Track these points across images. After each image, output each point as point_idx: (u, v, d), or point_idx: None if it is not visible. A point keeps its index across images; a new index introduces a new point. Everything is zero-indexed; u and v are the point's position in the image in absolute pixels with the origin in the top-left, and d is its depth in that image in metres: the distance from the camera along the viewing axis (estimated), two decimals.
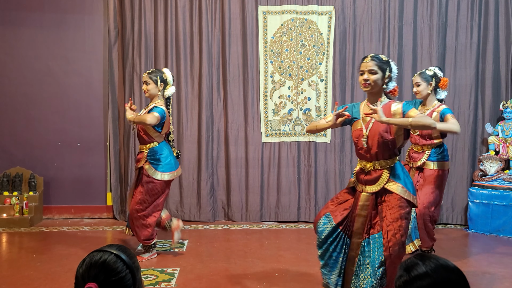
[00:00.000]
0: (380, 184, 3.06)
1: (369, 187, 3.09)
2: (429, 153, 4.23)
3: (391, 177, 3.05)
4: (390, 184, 3.03)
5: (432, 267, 1.41)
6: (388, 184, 3.03)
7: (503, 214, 5.37)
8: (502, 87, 5.94)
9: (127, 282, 1.47)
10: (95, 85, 6.22)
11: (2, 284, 3.72)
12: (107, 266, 1.46)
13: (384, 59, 3.10)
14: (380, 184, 3.06)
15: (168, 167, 4.36)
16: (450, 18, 5.95)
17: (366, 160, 3.12)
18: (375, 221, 3.06)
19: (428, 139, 4.24)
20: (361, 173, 3.15)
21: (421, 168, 4.28)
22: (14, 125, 6.16)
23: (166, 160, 4.36)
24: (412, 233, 4.30)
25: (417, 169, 4.31)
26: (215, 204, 6.11)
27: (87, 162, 6.19)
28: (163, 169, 4.33)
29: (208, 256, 4.52)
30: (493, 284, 3.87)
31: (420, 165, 4.26)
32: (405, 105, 3.05)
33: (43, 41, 6.14)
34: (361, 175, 3.15)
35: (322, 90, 6.05)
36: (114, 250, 1.51)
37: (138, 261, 1.59)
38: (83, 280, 1.45)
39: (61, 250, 4.68)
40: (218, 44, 6.06)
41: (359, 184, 3.16)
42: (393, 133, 3.03)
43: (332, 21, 6.01)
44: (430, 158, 4.24)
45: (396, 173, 3.06)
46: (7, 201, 5.76)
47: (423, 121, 2.94)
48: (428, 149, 4.25)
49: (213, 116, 6.09)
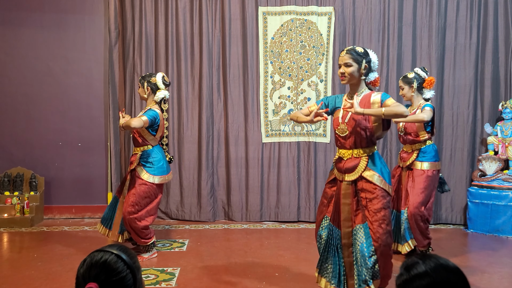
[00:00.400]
0: (358, 172, 3.16)
1: (347, 175, 3.19)
2: (418, 153, 4.33)
3: (368, 165, 3.15)
4: (367, 172, 3.13)
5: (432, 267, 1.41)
6: (365, 172, 3.14)
7: (502, 214, 5.38)
8: (501, 87, 5.96)
9: (127, 282, 1.48)
10: (95, 86, 6.24)
11: (3, 283, 3.73)
12: (108, 266, 1.46)
13: (360, 51, 3.18)
14: (358, 172, 3.16)
15: (160, 170, 4.38)
16: (450, 19, 5.97)
17: (345, 149, 3.23)
18: (357, 209, 3.16)
19: (415, 137, 4.35)
20: (339, 161, 3.25)
21: (411, 168, 4.37)
22: (14, 125, 6.17)
23: (159, 164, 4.39)
24: (406, 233, 4.34)
25: (407, 169, 4.41)
26: (215, 204, 6.13)
27: (87, 162, 6.21)
28: (154, 172, 4.35)
29: (208, 256, 4.53)
30: (492, 284, 3.88)
31: (408, 164, 4.37)
32: (384, 94, 3.14)
33: (44, 41, 6.15)
34: (339, 164, 3.25)
35: (322, 91, 6.06)
36: (115, 250, 1.52)
37: (138, 261, 1.60)
38: (83, 280, 1.46)
39: (62, 250, 4.70)
40: (218, 45, 6.08)
41: (339, 173, 3.26)
42: (371, 122, 3.14)
43: (331, 22, 6.03)
44: (418, 158, 4.35)
45: (373, 161, 3.16)
46: (8, 201, 5.77)
47: (395, 109, 3.00)
48: (417, 149, 4.35)
49: (213, 116, 6.10)
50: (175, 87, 6.10)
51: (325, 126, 6.06)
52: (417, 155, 4.34)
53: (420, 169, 4.32)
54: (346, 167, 3.19)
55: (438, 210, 6.00)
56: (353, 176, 3.17)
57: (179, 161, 6.12)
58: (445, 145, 5.99)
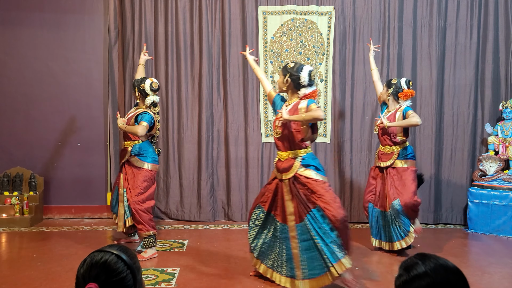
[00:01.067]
0: (293, 171, 3.55)
1: (285, 174, 3.59)
2: (398, 154, 4.65)
3: (303, 163, 3.55)
4: (303, 170, 3.53)
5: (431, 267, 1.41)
6: (301, 170, 3.53)
7: (503, 214, 5.38)
8: (501, 87, 5.95)
9: (127, 282, 1.47)
10: (95, 85, 6.23)
11: (3, 284, 3.73)
12: (108, 267, 1.46)
13: (287, 67, 3.65)
14: (293, 171, 3.55)
15: (152, 160, 4.66)
16: (450, 19, 5.96)
17: (281, 150, 3.66)
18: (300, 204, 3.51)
19: (393, 138, 4.65)
20: (278, 162, 3.66)
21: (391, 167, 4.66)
22: (14, 125, 6.17)
23: (152, 155, 4.67)
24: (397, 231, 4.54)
25: (386, 168, 4.69)
26: (215, 204, 6.12)
27: (87, 162, 6.20)
28: (148, 160, 4.63)
29: (208, 256, 4.52)
30: (492, 284, 3.88)
31: (389, 164, 4.66)
32: (309, 101, 3.54)
33: (43, 41, 6.15)
34: (278, 164, 3.65)
35: (322, 90, 6.06)
36: (115, 251, 1.51)
37: (139, 261, 1.59)
38: (83, 280, 1.45)
39: (61, 250, 4.69)
40: (218, 45, 6.07)
41: (278, 173, 3.64)
42: (299, 125, 3.54)
43: (332, 22, 6.02)
44: (399, 158, 4.66)
45: (307, 161, 3.56)
46: (7, 201, 5.76)
47: (312, 114, 3.41)
48: (396, 150, 4.65)
49: (213, 116, 6.10)
50: (175, 87, 6.09)
51: (325, 126, 6.05)
52: (398, 155, 4.64)
53: (402, 166, 4.63)
54: (283, 167, 3.60)
55: (439, 210, 5.99)
56: (289, 174, 3.56)
57: (179, 161, 6.11)
58: (446, 145, 5.99)
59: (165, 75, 6.07)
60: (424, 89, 5.97)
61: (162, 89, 6.07)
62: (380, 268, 4.26)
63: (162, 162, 6.10)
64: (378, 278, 3.94)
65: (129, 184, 4.59)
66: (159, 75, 6.07)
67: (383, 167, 4.69)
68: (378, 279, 3.93)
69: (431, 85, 5.96)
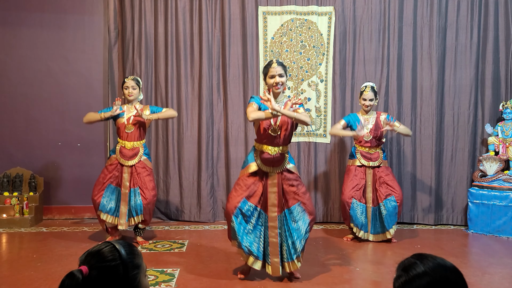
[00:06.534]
0: (283, 165, 3.79)
1: (275, 168, 3.77)
2: (382, 154, 5.14)
3: (289, 159, 3.82)
4: (289, 165, 3.82)
5: (430, 266, 1.43)
6: (288, 165, 3.81)
7: (503, 214, 5.37)
8: (502, 87, 5.95)
9: (117, 272, 1.51)
10: (95, 86, 6.23)
11: (2, 284, 3.73)
12: (101, 254, 1.53)
13: (285, 65, 3.84)
14: (283, 165, 3.79)
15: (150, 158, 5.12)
16: (450, 19, 5.96)
17: (273, 146, 3.75)
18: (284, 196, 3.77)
19: (379, 141, 5.10)
20: (267, 156, 3.74)
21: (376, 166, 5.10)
22: (14, 126, 6.16)
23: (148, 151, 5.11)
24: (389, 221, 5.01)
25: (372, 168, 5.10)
26: (215, 204, 6.11)
27: (87, 162, 6.19)
28: (150, 159, 5.11)
29: (208, 257, 4.52)
30: (493, 285, 3.87)
31: (378, 164, 5.10)
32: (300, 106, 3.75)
33: (43, 41, 6.15)
34: (268, 158, 3.74)
35: (322, 91, 6.06)
36: (115, 243, 1.57)
37: (141, 261, 1.60)
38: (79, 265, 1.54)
39: (61, 251, 4.69)
40: (218, 45, 6.07)
41: (266, 166, 3.77)
42: (294, 124, 3.81)
43: (332, 22, 6.02)
44: (383, 158, 5.18)
45: (289, 156, 3.86)
46: (7, 202, 5.76)
47: (303, 117, 3.63)
48: (380, 151, 5.13)
49: (213, 117, 6.09)
50: (174, 87, 6.09)
51: (325, 126, 6.05)
52: (383, 155, 5.15)
53: (386, 166, 5.22)
54: (276, 161, 3.75)
55: (439, 211, 5.99)
56: (279, 168, 3.77)
57: (178, 162, 6.11)
58: (446, 146, 5.98)
59: (165, 75, 6.07)
60: (424, 89, 5.97)
61: (162, 89, 6.07)
62: (381, 268, 4.26)
63: (162, 162, 6.10)
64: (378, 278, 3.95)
65: (140, 182, 4.84)
66: (159, 75, 6.07)
67: (372, 167, 5.10)
68: (378, 279, 3.93)
69: (431, 85, 5.96)
